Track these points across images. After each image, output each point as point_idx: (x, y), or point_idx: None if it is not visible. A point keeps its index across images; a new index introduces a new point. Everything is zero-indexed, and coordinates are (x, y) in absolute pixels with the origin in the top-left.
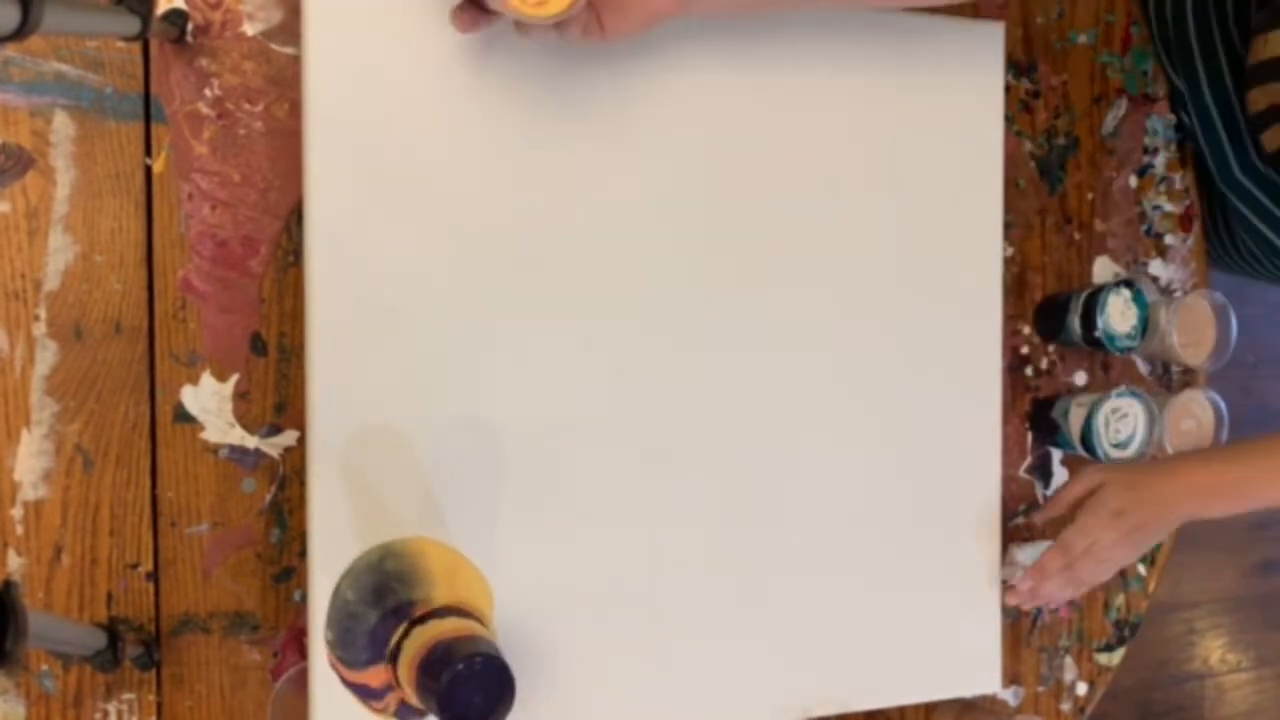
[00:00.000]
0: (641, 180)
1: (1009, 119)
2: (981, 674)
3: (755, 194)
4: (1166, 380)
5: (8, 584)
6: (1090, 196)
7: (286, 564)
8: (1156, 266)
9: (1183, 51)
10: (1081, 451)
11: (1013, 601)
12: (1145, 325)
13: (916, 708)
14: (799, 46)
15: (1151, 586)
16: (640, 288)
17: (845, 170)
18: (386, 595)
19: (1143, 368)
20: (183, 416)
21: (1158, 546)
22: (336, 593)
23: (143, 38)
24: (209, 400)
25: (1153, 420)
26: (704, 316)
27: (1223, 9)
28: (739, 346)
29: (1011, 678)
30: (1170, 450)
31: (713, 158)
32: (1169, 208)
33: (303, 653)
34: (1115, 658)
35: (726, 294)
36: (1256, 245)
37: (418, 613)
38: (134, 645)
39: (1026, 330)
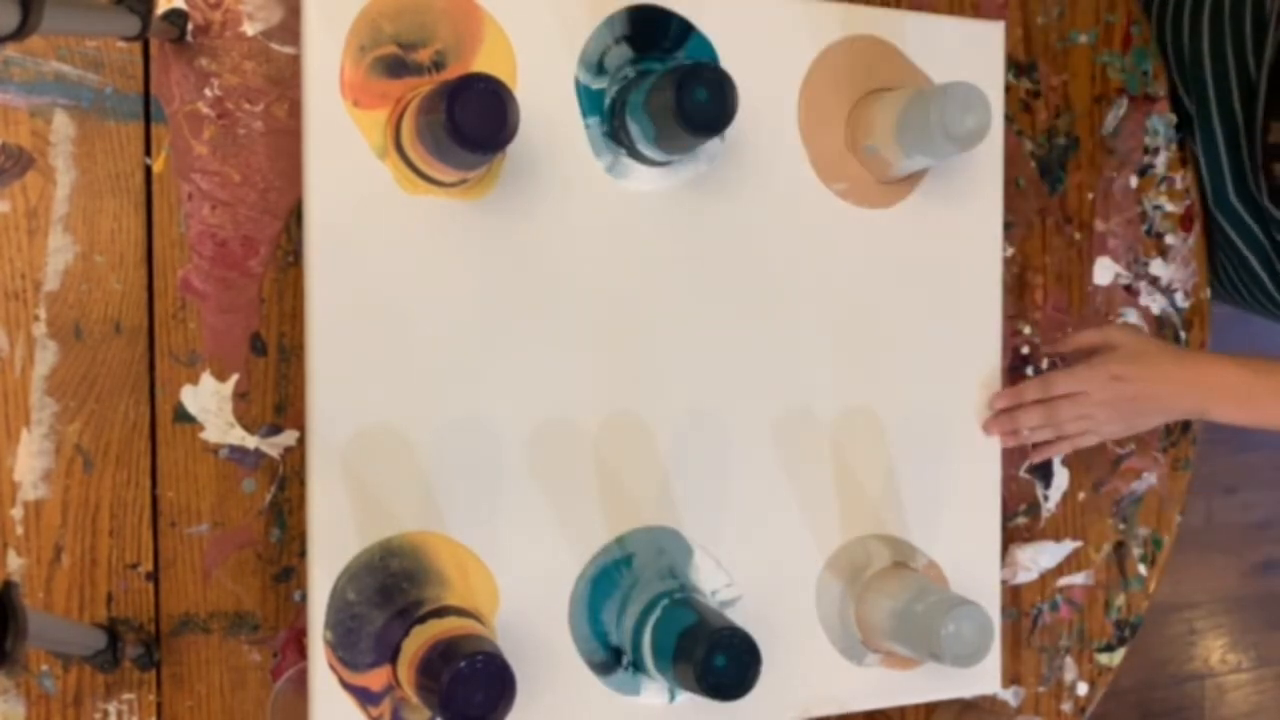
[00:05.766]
0: (636, 183)
1: (1009, 119)
2: (981, 674)
3: (752, 192)
4: None
5: (8, 584)
6: (1090, 196)
7: (286, 564)
8: (1157, 266)
9: (1195, 70)
10: None
11: (992, 430)
12: None
13: (916, 708)
14: (799, 46)
15: (1152, 586)
16: (639, 288)
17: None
18: (394, 595)
19: None
20: (183, 416)
21: (1158, 545)
22: (335, 593)
23: (143, 38)
24: (209, 400)
25: None
26: (702, 315)
27: (1240, 33)
28: (736, 346)
29: (1012, 678)
30: None
31: (711, 153)
32: (1170, 207)
33: (303, 653)
34: (1116, 658)
35: (724, 294)
36: (1238, 273)
37: (425, 612)
38: (134, 645)
39: (1027, 330)
